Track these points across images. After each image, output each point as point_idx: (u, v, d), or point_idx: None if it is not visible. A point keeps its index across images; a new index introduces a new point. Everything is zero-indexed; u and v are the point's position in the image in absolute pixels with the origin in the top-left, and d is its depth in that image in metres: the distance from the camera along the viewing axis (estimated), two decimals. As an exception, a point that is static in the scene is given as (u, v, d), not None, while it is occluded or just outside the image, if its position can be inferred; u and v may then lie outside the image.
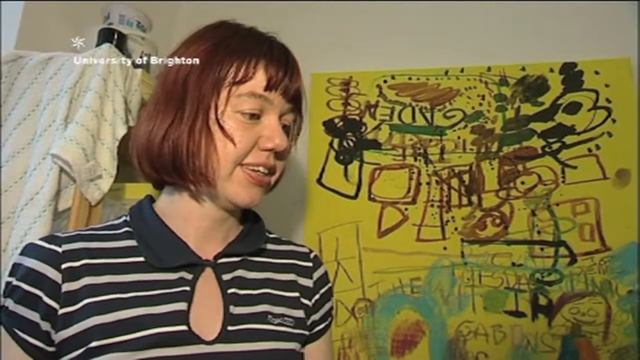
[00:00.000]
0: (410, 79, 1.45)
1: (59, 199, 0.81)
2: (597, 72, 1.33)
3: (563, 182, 1.29)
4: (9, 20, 1.04)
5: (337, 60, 1.52)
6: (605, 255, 1.22)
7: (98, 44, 0.97)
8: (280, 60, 0.63)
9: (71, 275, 0.55)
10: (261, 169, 0.62)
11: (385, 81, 1.46)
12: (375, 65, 1.48)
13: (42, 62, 0.90)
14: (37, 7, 1.11)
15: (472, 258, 1.28)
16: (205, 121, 0.59)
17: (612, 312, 1.18)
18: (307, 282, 0.71)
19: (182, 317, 0.57)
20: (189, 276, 0.60)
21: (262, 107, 0.61)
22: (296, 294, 0.69)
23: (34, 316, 0.54)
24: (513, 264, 1.26)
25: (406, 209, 1.35)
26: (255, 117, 0.61)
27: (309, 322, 0.69)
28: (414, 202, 1.35)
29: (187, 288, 0.59)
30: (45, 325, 0.54)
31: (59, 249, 0.56)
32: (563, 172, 1.29)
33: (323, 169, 1.42)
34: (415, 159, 1.38)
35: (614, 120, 1.29)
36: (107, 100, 0.86)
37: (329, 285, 0.75)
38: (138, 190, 1.12)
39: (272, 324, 0.63)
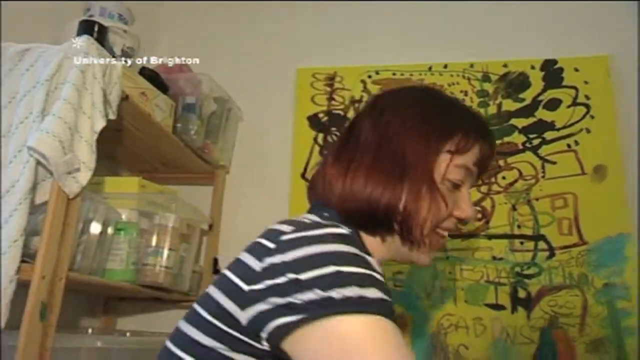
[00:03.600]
0: (394, 74, 1.46)
1: (35, 192, 0.80)
2: (576, 69, 1.36)
3: (543, 177, 1.31)
4: (-14, 11, 1.02)
5: (322, 55, 1.52)
6: (582, 249, 1.24)
7: (78, 36, 0.96)
8: (492, 143, 0.68)
9: None
10: (446, 233, 0.66)
11: (369, 76, 1.47)
12: (360, 61, 1.48)
13: (18, 53, 0.88)
14: (15, -2, 1.09)
15: (454, 252, 1.30)
16: (429, 185, 0.62)
17: (588, 304, 1.20)
18: None
19: None
20: None
21: (465, 178, 0.65)
22: None
23: None
24: (494, 257, 1.28)
25: (389, 204, 1.36)
26: (457, 187, 0.65)
27: None
28: (397, 196, 1.36)
29: None
30: None
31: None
32: (543, 167, 1.32)
33: (307, 164, 1.43)
34: (399, 154, 1.39)
35: (592, 117, 1.32)
36: (86, 93, 0.85)
37: None
38: (118, 184, 1.12)
39: None
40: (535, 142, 1.33)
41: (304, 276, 0.47)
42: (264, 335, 0.49)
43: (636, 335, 1.15)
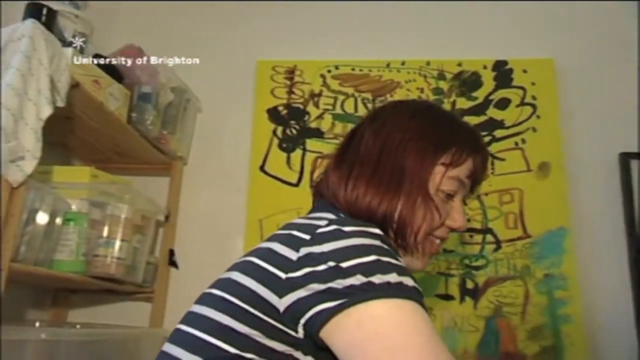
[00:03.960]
0: (353, 70, 1.48)
1: (-24, 180, 0.78)
2: (524, 71, 1.42)
3: (492, 173, 1.37)
4: None
5: (282, 48, 1.52)
6: (526, 242, 1.31)
7: (24, 20, 0.93)
8: (484, 158, 0.71)
9: None
10: (439, 241, 0.69)
11: (329, 71, 1.49)
12: (320, 55, 1.50)
13: (-41, 35, 0.85)
14: (-43, -23, 1.04)
15: (406, 244, 1.34)
16: (424, 196, 0.65)
17: (529, 294, 1.27)
18: None
19: None
20: None
21: (458, 190, 0.68)
22: None
23: None
24: (445, 250, 1.33)
25: (346, 197, 1.38)
26: (451, 197, 0.68)
27: None
28: (353, 190, 1.39)
29: None
30: None
31: None
32: (492, 164, 1.37)
33: (266, 157, 1.43)
34: (356, 149, 1.42)
35: (538, 117, 1.39)
36: (31, 79, 0.83)
37: None
38: (68, 174, 1.09)
39: None
40: (486, 139, 1.39)
41: (345, 264, 0.50)
42: (302, 321, 0.50)
43: (571, 323, 1.23)
